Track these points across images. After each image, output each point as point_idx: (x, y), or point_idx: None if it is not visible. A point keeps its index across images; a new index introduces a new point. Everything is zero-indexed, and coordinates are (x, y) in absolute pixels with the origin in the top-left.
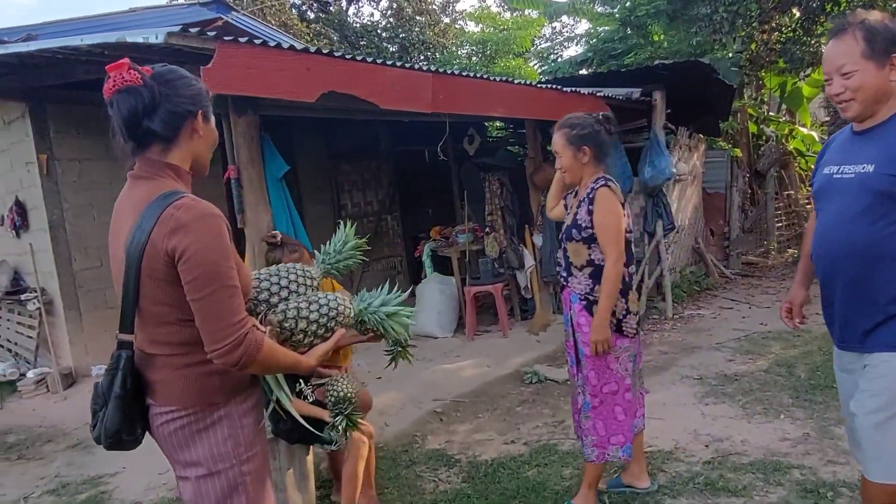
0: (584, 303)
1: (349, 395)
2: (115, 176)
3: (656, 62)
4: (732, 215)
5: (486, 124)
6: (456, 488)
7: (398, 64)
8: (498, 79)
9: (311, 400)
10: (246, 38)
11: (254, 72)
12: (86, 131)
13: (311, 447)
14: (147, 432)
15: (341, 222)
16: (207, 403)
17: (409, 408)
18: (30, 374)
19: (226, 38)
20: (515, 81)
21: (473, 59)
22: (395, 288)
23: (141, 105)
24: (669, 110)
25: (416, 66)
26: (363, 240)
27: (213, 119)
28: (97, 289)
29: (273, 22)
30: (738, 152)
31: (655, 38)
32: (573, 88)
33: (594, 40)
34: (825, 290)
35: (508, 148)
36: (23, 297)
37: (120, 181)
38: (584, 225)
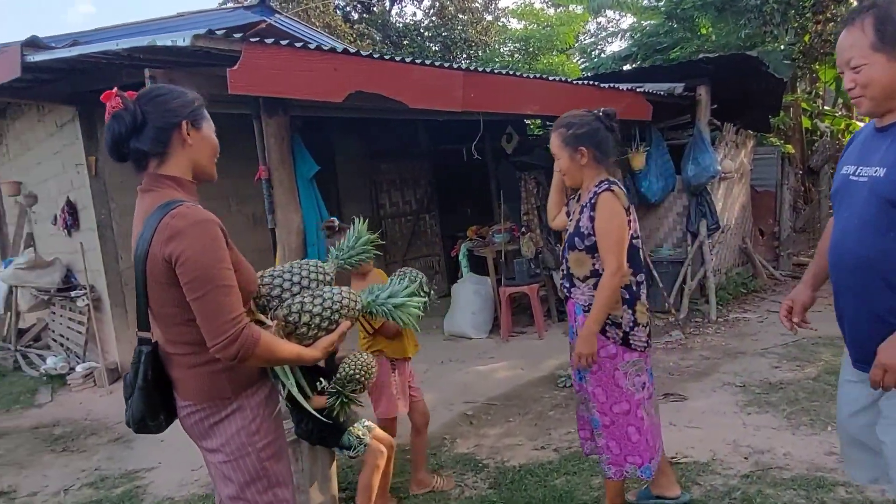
0: (587, 315)
1: (357, 376)
2: None
3: (701, 56)
4: (783, 214)
5: (527, 122)
6: (481, 494)
7: (427, 62)
8: (532, 76)
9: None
10: (272, 40)
11: (280, 73)
12: None
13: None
14: (175, 419)
15: (355, 219)
16: (219, 398)
17: (440, 409)
18: (78, 368)
19: (252, 39)
20: (550, 78)
21: (516, 56)
22: (432, 287)
23: (124, 128)
24: (715, 105)
25: (447, 65)
26: (375, 234)
27: (205, 126)
28: None
29: (317, 24)
30: (790, 148)
31: (703, 31)
32: (612, 84)
33: (638, 35)
34: (836, 301)
35: (548, 146)
36: (73, 293)
37: None
38: (586, 233)
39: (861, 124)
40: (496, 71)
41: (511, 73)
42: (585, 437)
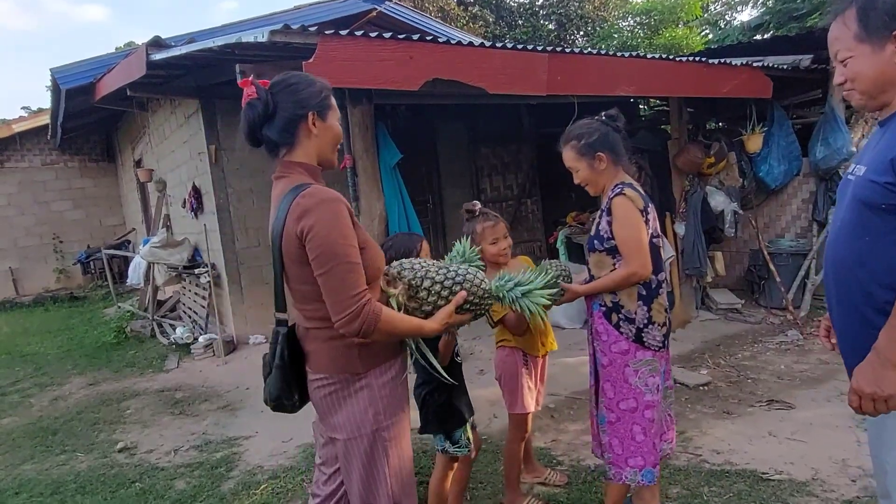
0: (603, 309)
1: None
2: (272, 163)
3: None
4: None
5: (640, 103)
6: (552, 492)
7: (510, 45)
8: (625, 54)
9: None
10: (347, 32)
11: (355, 63)
12: None
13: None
14: (309, 401)
15: (461, 239)
16: (350, 372)
17: None
18: (201, 339)
19: (327, 32)
20: (647, 56)
21: (637, 31)
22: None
23: (256, 116)
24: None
25: (530, 47)
26: (477, 255)
27: (330, 116)
28: (255, 266)
29: (431, 8)
30: None
31: (813, 21)
32: (722, 60)
33: (772, 1)
34: (828, 310)
35: (663, 127)
36: (197, 270)
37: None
38: (605, 236)
39: None
40: (586, 51)
41: (602, 52)
42: (596, 433)
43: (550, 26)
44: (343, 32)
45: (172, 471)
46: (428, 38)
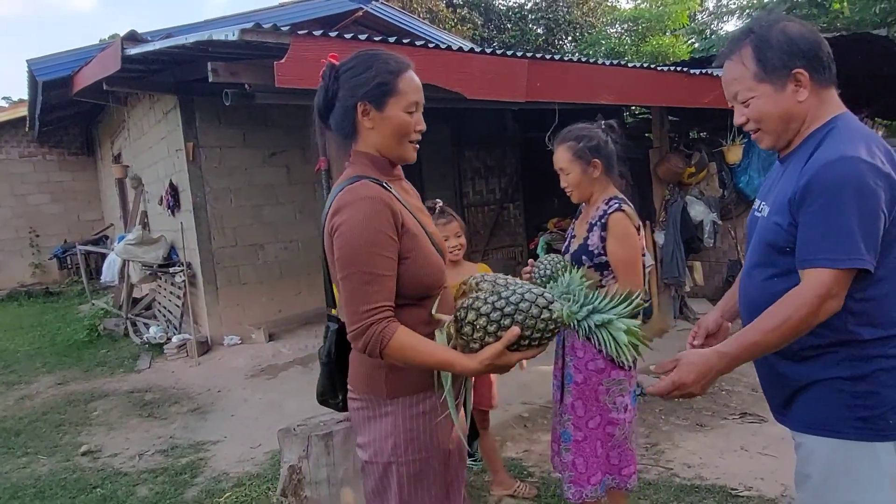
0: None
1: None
2: (251, 162)
3: None
4: None
5: (627, 109)
6: None
7: (488, 51)
8: (606, 62)
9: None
10: (321, 31)
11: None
12: (227, 121)
13: None
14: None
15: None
16: (376, 394)
17: (496, 410)
18: (174, 339)
19: (300, 32)
20: (629, 65)
21: (624, 38)
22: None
23: (321, 103)
24: (839, 92)
25: (510, 53)
26: (588, 281)
27: (390, 105)
28: (232, 266)
29: (419, 9)
30: None
31: (836, 5)
32: (704, 70)
33: (757, 12)
34: None
35: (647, 135)
36: (172, 269)
37: (255, 167)
38: (595, 252)
39: None
40: (566, 59)
41: (582, 60)
42: (557, 450)
43: (539, 31)
44: (317, 32)
45: (136, 476)
46: (405, 40)
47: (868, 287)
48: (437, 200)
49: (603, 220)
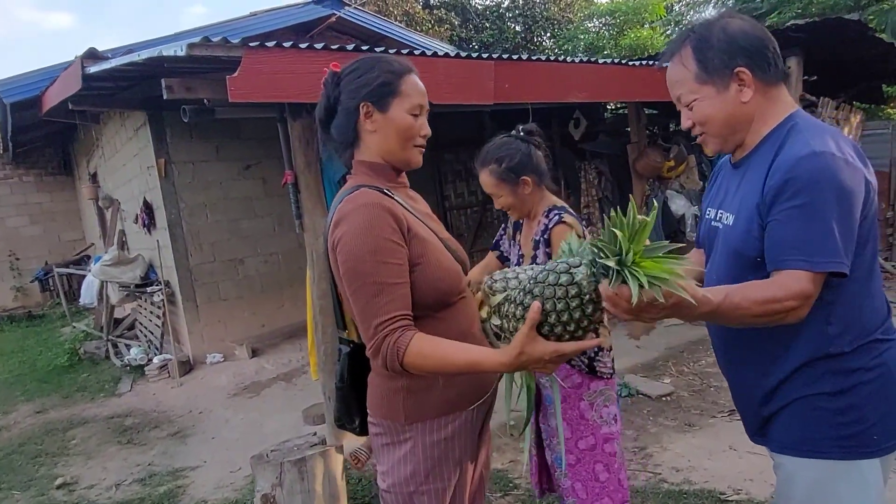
0: None
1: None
2: (226, 176)
3: (789, 23)
4: None
5: (608, 106)
6: None
7: (452, 54)
8: (576, 60)
9: None
10: (274, 43)
11: (285, 77)
12: (199, 135)
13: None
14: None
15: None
16: (393, 420)
17: None
18: (155, 360)
19: (251, 44)
20: (600, 61)
21: (602, 32)
22: None
23: (322, 111)
24: (814, 77)
25: (475, 55)
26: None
27: (394, 107)
28: (211, 282)
29: (395, 12)
30: None
31: None
32: None
33: (732, 1)
34: (722, 370)
35: (626, 130)
36: (150, 289)
37: (230, 181)
38: None
39: None
40: (534, 58)
41: (551, 58)
42: (534, 472)
43: (517, 28)
44: (270, 44)
45: None
46: (365, 47)
47: (844, 291)
48: None
49: (545, 236)
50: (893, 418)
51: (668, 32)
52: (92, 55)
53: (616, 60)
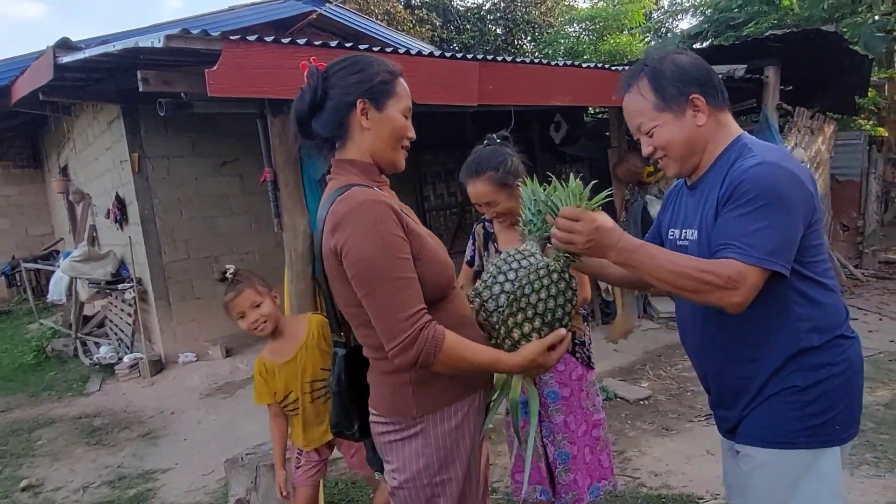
0: None
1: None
2: (202, 172)
3: (767, 33)
4: (868, 206)
5: (590, 108)
6: None
7: (437, 54)
8: (560, 63)
9: None
10: (255, 37)
11: (266, 72)
12: (175, 130)
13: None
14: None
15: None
16: (403, 415)
17: None
18: (126, 359)
19: (232, 37)
20: (583, 66)
21: (583, 37)
22: None
23: (304, 107)
24: (790, 87)
25: (459, 56)
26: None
27: (389, 106)
28: (185, 280)
29: (377, 11)
30: (883, 131)
31: (785, 2)
32: None
33: (710, 10)
34: (698, 373)
35: (607, 134)
36: (121, 286)
37: (206, 177)
38: None
39: None
40: (518, 60)
41: (535, 61)
42: (521, 479)
43: (498, 31)
44: (251, 38)
45: None
46: (348, 44)
47: (811, 292)
48: (229, 267)
49: None
50: (852, 410)
51: (647, 39)
52: (65, 45)
53: (599, 65)
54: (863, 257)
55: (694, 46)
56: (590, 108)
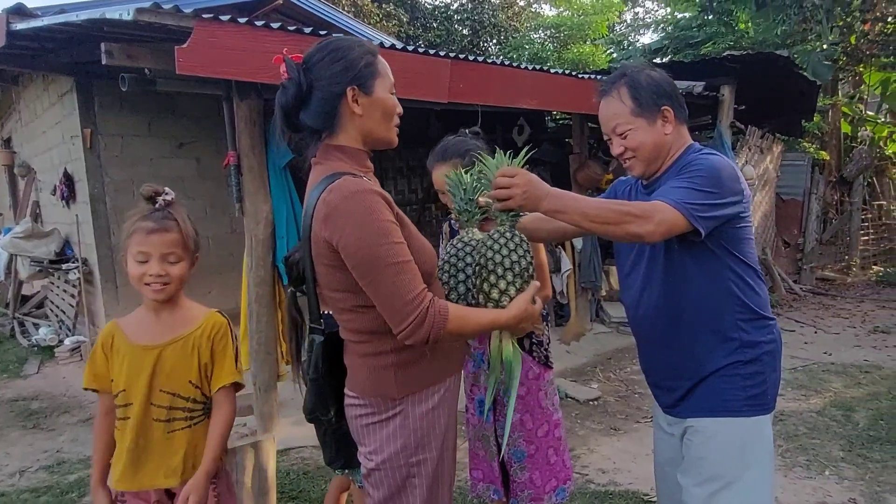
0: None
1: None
2: (157, 153)
3: (725, 53)
4: (809, 225)
5: (553, 114)
6: None
7: (410, 48)
8: (530, 67)
9: None
10: (229, 17)
11: (237, 53)
12: (130, 107)
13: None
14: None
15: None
16: (383, 397)
17: None
18: (67, 342)
19: (205, 15)
20: (552, 70)
21: (547, 44)
22: None
23: (290, 101)
24: (743, 106)
25: (432, 52)
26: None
27: (377, 87)
28: None
29: (344, 2)
30: (825, 155)
31: (741, 25)
32: None
33: (671, 27)
34: (641, 351)
35: (567, 140)
36: (65, 266)
37: (161, 158)
38: None
39: None
40: (489, 61)
41: (505, 63)
42: (479, 477)
43: (464, 31)
44: (224, 17)
45: (15, 496)
46: (322, 31)
47: (748, 277)
48: (167, 190)
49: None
50: (777, 381)
51: (610, 51)
52: (19, 10)
53: (566, 72)
54: (801, 273)
55: (654, 61)
56: (553, 114)
